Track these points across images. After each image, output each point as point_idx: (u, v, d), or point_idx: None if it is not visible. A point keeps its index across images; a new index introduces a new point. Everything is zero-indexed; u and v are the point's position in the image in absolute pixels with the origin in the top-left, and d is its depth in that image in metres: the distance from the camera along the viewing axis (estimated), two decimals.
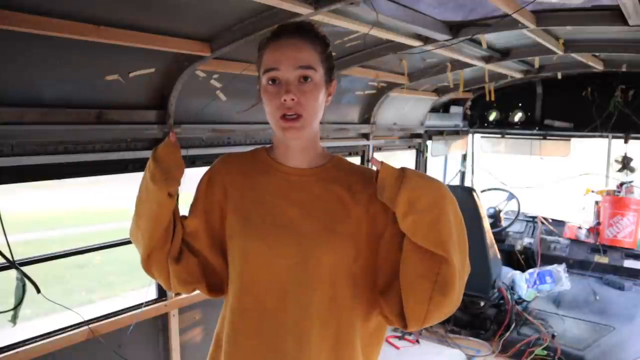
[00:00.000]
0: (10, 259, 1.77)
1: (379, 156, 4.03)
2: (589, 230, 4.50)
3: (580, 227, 4.57)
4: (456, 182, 5.27)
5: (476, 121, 5.04)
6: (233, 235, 1.21)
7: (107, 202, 9.51)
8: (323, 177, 1.22)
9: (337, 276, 1.15)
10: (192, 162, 2.48)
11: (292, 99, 1.10)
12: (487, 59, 3.27)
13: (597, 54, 3.42)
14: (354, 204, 1.18)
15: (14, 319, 1.78)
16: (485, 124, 5.00)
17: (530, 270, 4.21)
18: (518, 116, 4.80)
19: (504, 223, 4.74)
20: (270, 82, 1.13)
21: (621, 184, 4.39)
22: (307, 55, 1.13)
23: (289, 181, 1.21)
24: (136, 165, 2.27)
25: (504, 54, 3.26)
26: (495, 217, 4.69)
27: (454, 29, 2.48)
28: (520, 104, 4.78)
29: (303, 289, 1.14)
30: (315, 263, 1.13)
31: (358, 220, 1.18)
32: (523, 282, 4.11)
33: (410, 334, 3.87)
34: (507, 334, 3.80)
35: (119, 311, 2.29)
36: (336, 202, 1.19)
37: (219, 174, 1.26)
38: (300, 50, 1.13)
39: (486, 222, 3.88)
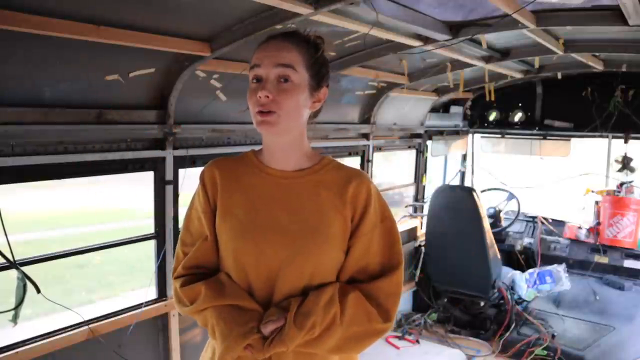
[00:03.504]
0: (11, 259, 1.78)
1: (378, 156, 4.04)
2: (589, 230, 4.50)
3: (580, 227, 4.56)
4: (456, 182, 5.27)
5: (476, 121, 5.04)
6: (223, 237, 1.24)
7: (107, 202, 9.50)
8: (311, 179, 1.24)
9: (320, 270, 1.21)
10: (192, 162, 2.48)
11: (267, 96, 1.14)
12: (487, 59, 3.27)
13: (597, 54, 3.42)
14: (342, 206, 1.22)
15: (14, 319, 1.78)
16: (485, 124, 5.00)
17: (530, 270, 4.21)
18: (518, 116, 4.80)
19: (504, 223, 4.73)
20: (254, 80, 1.19)
21: (621, 184, 4.39)
22: (289, 55, 1.17)
23: (276, 184, 1.24)
24: (136, 166, 2.27)
25: (504, 54, 3.26)
26: (495, 217, 4.69)
27: (454, 29, 2.48)
28: (520, 104, 4.78)
29: (289, 284, 1.20)
30: (299, 266, 1.19)
31: (345, 221, 1.22)
32: (523, 282, 4.11)
33: (410, 334, 3.87)
34: (507, 334, 3.80)
35: (119, 311, 2.29)
36: (324, 206, 1.22)
37: (209, 181, 1.27)
38: (283, 50, 1.18)
39: (486, 222, 3.88)
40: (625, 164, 4.36)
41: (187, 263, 1.27)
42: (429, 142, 4.67)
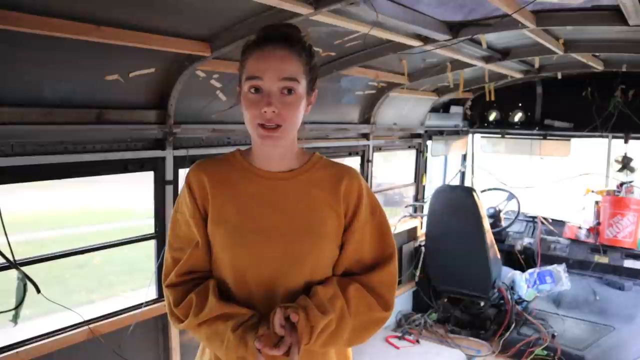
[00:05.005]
0: (11, 259, 1.77)
1: (378, 156, 4.04)
2: (589, 230, 4.49)
3: (580, 227, 4.56)
4: (456, 182, 5.27)
5: (476, 121, 5.04)
6: (217, 243, 1.22)
7: (107, 202, 9.50)
8: (303, 179, 1.24)
9: (318, 267, 1.23)
10: (192, 162, 2.47)
11: (273, 111, 1.11)
12: (487, 59, 3.27)
13: (597, 54, 3.42)
14: (335, 203, 1.22)
15: (15, 319, 1.78)
16: (485, 124, 5.00)
17: (530, 270, 4.21)
18: (518, 116, 4.80)
19: (504, 223, 4.73)
20: (252, 90, 1.14)
21: (621, 184, 4.38)
22: (292, 67, 1.14)
23: (269, 186, 1.23)
24: (136, 165, 2.27)
25: (504, 54, 3.26)
26: (495, 217, 4.69)
27: (454, 29, 2.48)
28: (520, 104, 4.78)
29: (290, 285, 1.20)
30: (299, 266, 1.19)
31: (339, 217, 1.23)
32: (523, 282, 4.11)
33: (410, 334, 3.87)
34: (507, 334, 3.80)
35: (119, 311, 2.29)
36: (317, 204, 1.22)
37: (196, 186, 1.25)
38: (286, 62, 1.14)
39: (486, 222, 3.88)
40: (625, 164, 4.36)
41: (180, 270, 1.24)
42: (429, 142, 4.67)
